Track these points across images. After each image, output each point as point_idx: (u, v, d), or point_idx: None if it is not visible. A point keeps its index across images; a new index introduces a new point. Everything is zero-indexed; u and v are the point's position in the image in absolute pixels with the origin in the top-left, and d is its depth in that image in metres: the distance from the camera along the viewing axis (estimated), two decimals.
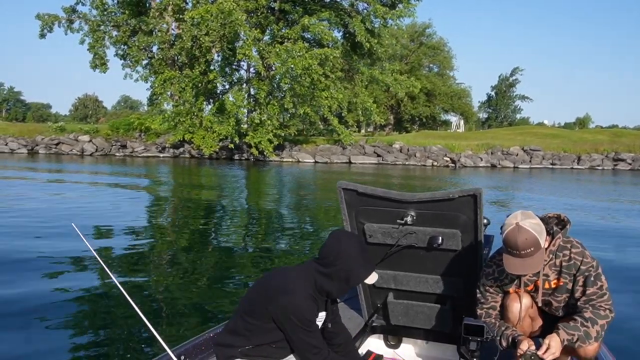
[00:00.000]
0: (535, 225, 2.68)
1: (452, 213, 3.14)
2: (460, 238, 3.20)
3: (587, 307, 2.78)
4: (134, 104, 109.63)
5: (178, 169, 29.56)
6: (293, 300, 2.55)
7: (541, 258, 2.70)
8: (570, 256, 2.84)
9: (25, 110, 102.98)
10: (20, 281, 6.54)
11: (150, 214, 13.72)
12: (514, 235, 2.66)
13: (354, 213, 3.40)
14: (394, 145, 39.58)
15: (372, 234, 3.39)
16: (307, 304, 2.57)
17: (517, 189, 23.36)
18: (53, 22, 38.71)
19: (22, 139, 37.90)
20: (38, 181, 19.28)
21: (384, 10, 36.53)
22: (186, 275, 7.48)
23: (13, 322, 5.24)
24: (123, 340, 4.94)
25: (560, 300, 2.94)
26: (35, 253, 8.00)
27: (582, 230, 10.84)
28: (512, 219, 2.70)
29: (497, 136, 45.58)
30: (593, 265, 2.82)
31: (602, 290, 2.79)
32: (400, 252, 3.40)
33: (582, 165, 38.78)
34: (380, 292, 3.68)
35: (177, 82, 35.36)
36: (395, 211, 3.25)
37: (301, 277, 2.64)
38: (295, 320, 2.54)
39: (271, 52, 34.31)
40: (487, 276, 3.05)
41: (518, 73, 78.09)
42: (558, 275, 2.89)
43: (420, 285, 3.50)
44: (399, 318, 3.71)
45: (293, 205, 16.49)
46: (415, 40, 65.01)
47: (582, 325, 2.72)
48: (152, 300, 6.20)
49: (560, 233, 2.87)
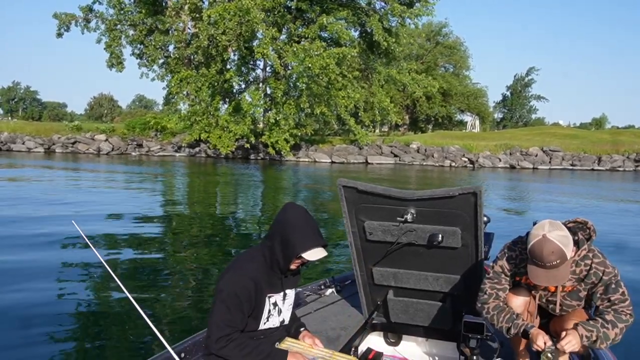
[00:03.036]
0: (563, 238, 2.63)
1: (453, 211, 3.13)
2: (460, 236, 3.20)
3: (609, 310, 2.78)
4: (148, 104, 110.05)
5: (194, 169, 29.45)
6: (231, 276, 2.59)
7: (567, 270, 2.69)
8: (592, 266, 2.83)
9: (41, 109, 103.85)
10: (19, 278, 6.58)
11: (160, 212, 13.62)
12: (540, 247, 2.62)
13: (354, 210, 3.40)
14: (411, 146, 39.17)
15: (373, 232, 3.39)
16: (243, 281, 2.57)
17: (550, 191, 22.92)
18: (70, 21, 38.75)
19: (39, 137, 37.93)
20: (56, 179, 19.19)
21: (402, 9, 36.11)
22: (189, 273, 7.43)
23: (14, 318, 5.25)
24: (123, 337, 4.97)
25: (568, 304, 2.97)
26: (37, 252, 7.99)
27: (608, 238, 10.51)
28: (540, 230, 2.65)
29: (515, 137, 44.98)
30: (614, 274, 2.82)
31: (624, 296, 2.79)
32: (401, 249, 3.39)
33: (603, 167, 38.10)
34: (380, 289, 3.68)
35: (194, 82, 35.20)
36: (396, 209, 3.24)
37: (249, 257, 2.67)
38: (224, 292, 2.55)
39: (288, 51, 34.05)
40: (508, 259, 2.99)
41: (534, 73, 77.25)
42: (574, 283, 2.89)
43: (421, 282, 3.51)
44: (399, 315, 3.71)
45: (309, 206, 16.18)
46: (432, 40, 64.49)
47: (602, 326, 2.71)
48: (153, 298, 6.18)
49: (586, 244, 2.84)
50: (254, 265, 2.64)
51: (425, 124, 65.82)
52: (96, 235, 9.07)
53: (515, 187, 24.22)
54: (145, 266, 7.79)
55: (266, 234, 2.72)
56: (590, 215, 3.26)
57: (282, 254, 2.61)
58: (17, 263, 7.38)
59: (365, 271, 3.66)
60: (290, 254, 2.60)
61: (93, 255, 3.18)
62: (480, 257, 3.27)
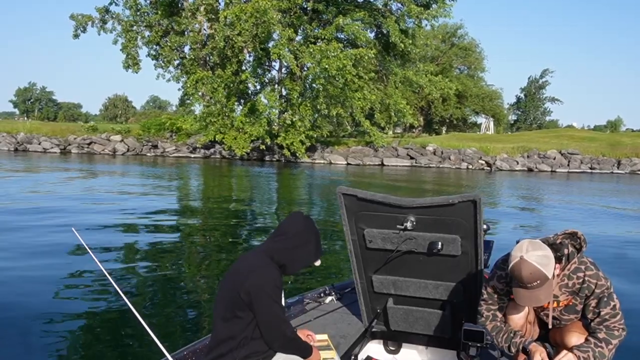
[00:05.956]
0: (541, 258, 2.62)
1: (452, 218, 3.13)
2: (460, 243, 3.19)
3: (600, 328, 2.78)
4: (162, 104, 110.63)
5: (209, 170, 29.35)
6: (262, 273, 2.61)
7: (550, 289, 2.68)
8: (584, 279, 2.82)
9: (57, 109, 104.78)
10: (17, 284, 6.51)
11: (168, 216, 13.32)
12: (518, 269, 2.62)
13: (354, 218, 3.41)
14: (428, 148, 38.84)
15: (372, 239, 3.39)
16: (276, 273, 2.64)
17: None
18: (87, 23, 38.85)
19: (55, 138, 38.05)
20: (70, 180, 19.17)
21: (419, 10, 35.83)
22: (190, 280, 7.36)
23: (12, 325, 5.19)
24: (122, 344, 4.95)
25: (566, 319, 2.96)
26: (37, 255, 7.94)
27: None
28: (518, 251, 2.65)
29: (532, 139, 44.51)
30: (607, 287, 2.80)
31: (615, 310, 2.78)
32: (400, 257, 3.39)
33: (623, 170, 37.56)
34: (380, 297, 3.68)
35: (209, 83, 35.11)
36: (395, 216, 3.24)
37: (260, 255, 2.71)
38: (268, 291, 2.57)
39: (304, 52, 33.88)
40: (499, 278, 2.98)
41: (548, 75, 76.56)
42: (568, 296, 2.88)
43: (420, 290, 3.50)
44: (398, 323, 3.71)
45: (324, 208, 15.96)
46: (447, 41, 64.05)
47: (596, 345, 2.72)
48: (152, 305, 6.14)
49: (576, 257, 2.82)
50: (268, 261, 2.71)
51: (440, 126, 65.36)
52: (98, 241, 8.88)
53: (533, 190, 23.83)
54: (145, 272, 7.68)
55: (272, 238, 2.78)
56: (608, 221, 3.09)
57: (297, 262, 2.74)
58: (17, 268, 7.31)
59: (365, 279, 3.67)
60: (306, 262, 2.78)
61: (92, 261, 3.18)
62: (480, 265, 3.27)
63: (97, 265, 3.11)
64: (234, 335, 2.62)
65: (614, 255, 9.50)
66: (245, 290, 2.57)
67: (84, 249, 3.32)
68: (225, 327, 2.64)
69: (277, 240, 2.75)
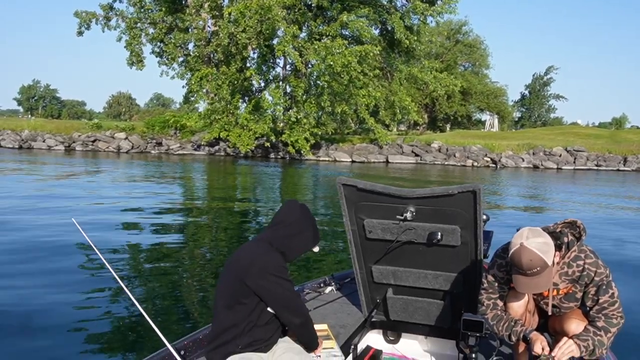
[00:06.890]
0: (541, 245, 2.63)
1: (452, 209, 3.13)
2: (459, 234, 3.20)
3: (599, 316, 2.80)
4: (166, 102, 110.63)
5: (213, 167, 29.30)
6: (265, 258, 2.61)
7: (549, 276, 2.69)
8: (584, 267, 2.83)
9: (61, 107, 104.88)
10: (17, 276, 6.57)
11: (171, 210, 13.36)
12: (518, 256, 2.63)
13: (353, 209, 3.40)
14: (433, 145, 38.69)
15: (372, 230, 3.40)
16: (278, 256, 2.65)
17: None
18: (90, 20, 38.86)
19: (59, 135, 38.05)
20: (77, 178, 19.12)
21: (424, 7, 35.69)
22: (190, 271, 7.37)
23: (13, 317, 5.22)
24: (123, 334, 4.96)
25: (566, 307, 2.97)
26: (39, 249, 7.96)
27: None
28: (518, 238, 2.66)
29: (537, 136, 44.31)
30: (606, 275, 2.82)
31: (613, 298, 2.80)
32: (400, 247, 3.40)
33: (629, 167, 37.35)
34: (379, 287, 3.69)
35: (214, 80, 35.02)
36: (395, 207, 3.24)
37: (260, 243, 2.71)
38: (275, 273, 2.58)
39: (309, 49, 33.74)
40: (499, 267, 2.99)
41: (552, 72, 76.26)
42: (568, 284, 2.90)
43: (420, 280, 3.51)
44: (398, 313, 3.72)
45: (329, 205, 15.86)
46: (451, 38, 63.86)
47: (594, 334, 2.75)
48: (153, 296, 6.14)
49: (576, 245, 2.83)
50: (269, 247, 2.71)
51: (444, 123, 65.23)
52: (101, 235, 8.92)
53: (539, 187, 23.68)
54: (147, 265, 7.70)
55: (271, 227, 2.79)
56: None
57: (296, 248, 2.76)
58: (17, 262, 7.32)
59: (365, 269, 3.68)
60: (305, 249, 2.81)
61: (94, 253, 3.24)
62: (480, 256, 3.27)
63: (98, 258, 3.06)
64: (238, 322, 2.61)
65: (614, 247, 9.55)
66: (252, 276, 2.56)
67: (86, 243, 3.29)
68: (229, 315, 2.63)
69: (275, 229, 2.76)
